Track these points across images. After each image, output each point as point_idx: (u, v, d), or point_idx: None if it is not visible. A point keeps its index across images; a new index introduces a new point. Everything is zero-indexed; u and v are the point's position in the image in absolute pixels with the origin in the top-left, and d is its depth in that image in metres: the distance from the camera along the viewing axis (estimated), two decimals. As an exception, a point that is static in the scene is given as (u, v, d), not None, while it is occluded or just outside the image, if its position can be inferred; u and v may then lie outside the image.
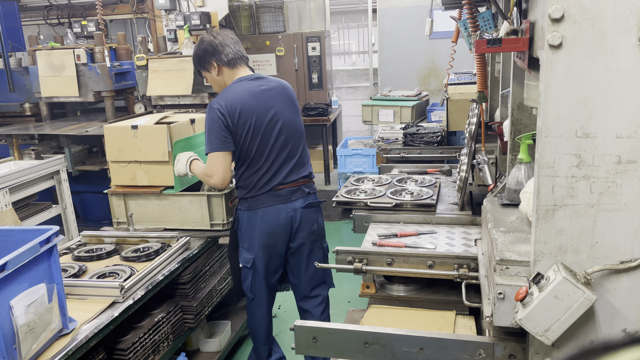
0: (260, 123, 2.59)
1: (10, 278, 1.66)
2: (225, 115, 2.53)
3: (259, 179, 2.62)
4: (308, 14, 7.00)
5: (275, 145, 2.63)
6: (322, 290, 2.92)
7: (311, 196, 2.77)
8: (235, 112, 2.54)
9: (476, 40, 1.46)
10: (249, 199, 2.67)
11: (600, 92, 1.13)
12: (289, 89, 2.77)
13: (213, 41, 2.64)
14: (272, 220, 2.65)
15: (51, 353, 1.87)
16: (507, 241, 1.50)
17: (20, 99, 5.94)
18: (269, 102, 2.63)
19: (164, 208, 3.05)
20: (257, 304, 2.83)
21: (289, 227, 2.68)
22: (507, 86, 2.52)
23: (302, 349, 1.74)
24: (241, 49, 2.71)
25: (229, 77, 2.68)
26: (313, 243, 2.79)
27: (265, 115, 2.60)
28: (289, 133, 2.68)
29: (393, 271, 2.12)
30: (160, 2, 5.65)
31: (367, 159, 6.20)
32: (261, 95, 2.62)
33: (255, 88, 2.63)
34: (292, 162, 2.68)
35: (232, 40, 2.68)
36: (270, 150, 2.62)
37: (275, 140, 2.62)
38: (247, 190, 2.67)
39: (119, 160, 3.06)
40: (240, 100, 2.56)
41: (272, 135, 2.62)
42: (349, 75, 8.22)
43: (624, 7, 1.08)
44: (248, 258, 2.74)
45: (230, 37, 2.69)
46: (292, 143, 2.68)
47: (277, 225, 2.66)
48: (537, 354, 1.33)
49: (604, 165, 1.17)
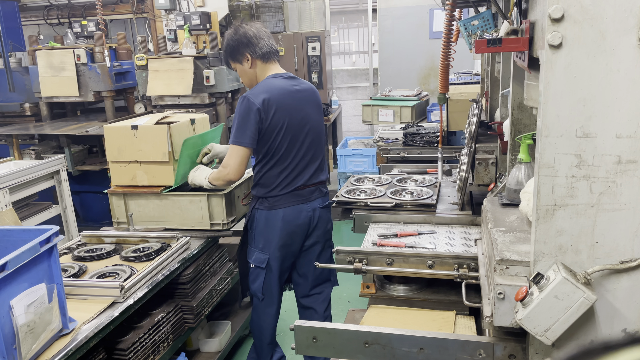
0: (293, 123, 2.60)
1: (10, 278, 1.66)
2: (261, 111, 2.51)
3: (284, 179, 2.63)
4: (308, 13, 7.00)
5: (302, 147, 2.65)
6: (326, 288, 2.94)
7: (326, 196, 2.83)
8: (272, 109, 2.53)
9: (476, 40, 1.46)
10: (269, 199, 2.66)
11: (600, 92, 1.13)
12: (317, 93, 2.81)
13: (248, 32, 2.60)
14: (293, 220, 2.67)
15: (51, 353, 1.87)
16: (507, 241, 1.50)
17: (20, 99, 5.94)
18: (302, 104, 2.66)
19: (164, 208, 3.05)
20: (267, 304, 2.81)
21: (307, 226, 2.72)
22: (507, 86, 2.52)
23: (302, 349, 1.74)
24: (274, 44, 2.69)
25: (261, 71, 2.67)
26: (325, 242, 2.84)
27: (298, 116, 2.63)
28: (315, 137, 2.71)
29: (393, 271, 2.12)
30: (160, 2, 5.65)
31: (367, 159, 6.20)
32: (296, 95, 2.64)
33: (291, 87, 2.64)
34: (315, 165, 2.73)
35: (266, 33, 2.66)
36: (298, 151, 2.64)
37: (302, 141, 2.65)
38: (269, 190, 2.65)
39: (119, 160, 3.06)
40: (278, 97, 2.56)
41: (300, 136, 2.64)
42: (349, 75, 8.22)
43: (624, 7, 1.08)
44: (262, 258, 2.72)
45: (264, 30, 2.67)
46: (316, 147, 2.73)
47: (297, 225, 2.69)
48: (537, 354, 1.33)
49: (604, 165, 1.17)
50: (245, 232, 2.85)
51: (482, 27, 2.34)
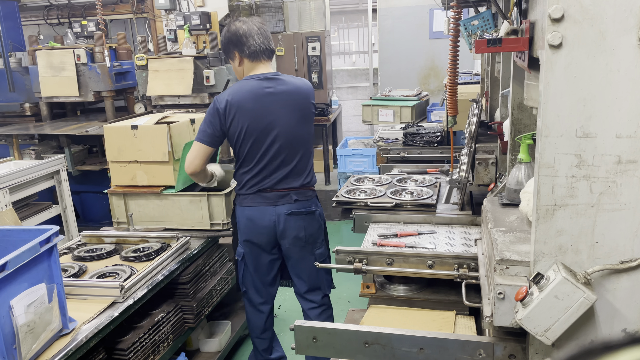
0: (255, 127, 2.56)
1: (10, 278, 1.66)
2: (221, 114, 2.55)
3: (249, 179, 2.65)
4: (308, 14, 7.00)
5: (268, 152, 2.59)
6: (315, 296, 2.86)
7: (299, 204, 2.68)
8: (232, 112, 2.54)
9: (476, 40, 1.46)
10: (240, 196, 2.73)
11: (600, 92, 1.13)
12: (301, 94, 2.65)
13: (238, 30, 2.58)
14: (257, 220, 2.67)
15: (51, 353, 1.87)
16: (507, 241, 1.50)
17: (20, 99, 5.94)
18: (269, 108, 2.57)
19: (164, 208, 3.05)
20: (249, 297, 2.87)
21: (272, 230, 2.68)
22: (507, 86, 2.52)
23: (302, 349, 1.74)
24: (266, 41, 2.61)
25: (247, 70, 2.66)
26: (301, 249, 2.74)
27: (263, 121, 2.57)
28: (284, 142, 2.60)
29: (393, 271, 2.12)
30: (160, 2, 5.65)
31: (367, 159, 6.20)
32: (263, 98, 2.57)
33: (260, 90, 2.58)
34: (285, 170, 2.63)
35: (258, 31, 2.59)
36: (263, 155, 2.60)
37: (268, 146, 2.59)
38: (239, 188, 2.72)
39: (119, 160, 3.06)
40: (239, 101, 2.55)
41: (265, 140, 2.58)
42: (349, 75, 8.22)
43: (624, 7, 1.08)
44: (240, 251, 2.81)
45: (256, 27, 2.60)
46: (287, 152, 2.62)
47: (260, 226, 2.68)
48: (537, 354, 1.33)
49: (604, 165, 1.17)
50: (234, 226, 2.91)
51: (482, 27, 2.34)
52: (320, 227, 2.79)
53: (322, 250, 2.82)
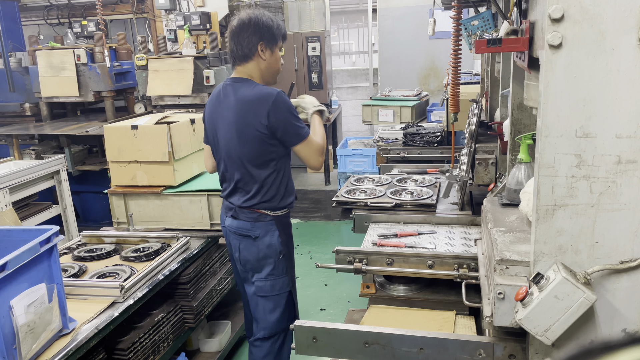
0: (209, 133, 2.49)
1: (10, 278, 1.66)
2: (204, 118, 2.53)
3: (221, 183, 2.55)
4: (308, 14, 7.00)
5: (219, 161, 2.47)
6: (255, 332, 2.57)
7: (238, 222, 2.41)
8: (204, 116, 2.51)
9: (476, 40, 1.46)
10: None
11: (600, 92, 1.13)
12: (246, 110, 2.28)
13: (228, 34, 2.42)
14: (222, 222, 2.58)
15: (51, 353, 1.87)
16: (507, 241, 1.50)
17: (20, 99, 5.94)
18: (215, 117, 2.41)
19: (164, 208, 3.05)
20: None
21: (226, 236, 2.56)
22: (507, 86, 2.52)
23: (302, 349, 1.74)
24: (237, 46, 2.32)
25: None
26: (241, 271, 2.53)
27: (212, 128, 2.45)
28: (225, 155, 2.40)
29: (393, 271, 2.12)
30: (160, 2, 5.65)
31: (367, 159, 6.21)
32: (216, 105, 2.42)
33: (218, 96, 2.41)
34: (230, 184, 2.42)
35: (231, 35, 2.36)
36: (217, 163, 2.50)
37: (219, 156, 2.46)
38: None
39: (119, 160, 3.06)
40: (207, 105, 2.49)
41: (216, 149, 2.47)
42: (349, 75, 8.22)
43: (624, 7, 1.08)
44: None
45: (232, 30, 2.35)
46: (227, 166, 2.40)
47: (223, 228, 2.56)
48: (537, 354, 1.33)
49: (604, 165, 1.17)
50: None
51: (482, 27, 2.34)
52: (260, 257, 2.41)
53: (263, 285, 2.44)
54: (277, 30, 2.36)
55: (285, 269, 2.46)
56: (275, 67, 2.40)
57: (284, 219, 2.44)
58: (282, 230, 2.42)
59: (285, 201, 2.42)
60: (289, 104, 2.31)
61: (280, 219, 2.42)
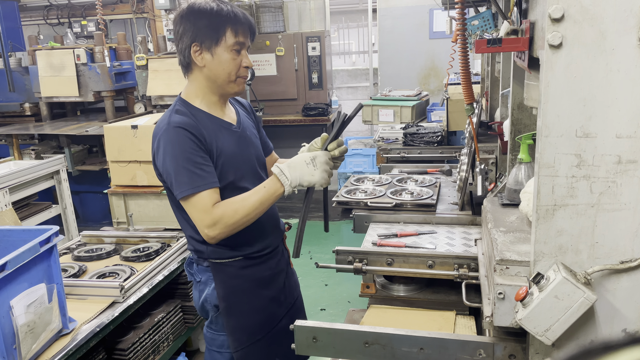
0: None
1: (10, 278, 1.66)
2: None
3: None
4: (308, 13, 7.00)
5: None
6: None
7: (190, 266, 1.99)
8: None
9: (476, 40, 1.46)
10: None
11: (600, 92, 1.13)
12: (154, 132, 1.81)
13: None
14: None
15: (51, 353, 1.87)
16: (507, 241, 1.49)
17: (20, 99, 5.94)
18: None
19: (164, 208, 3.05)
20: None
21: None
22: (507, 86, 2.52)
23: (302, 349, 1.74)
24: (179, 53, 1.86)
25: None
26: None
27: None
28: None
29: (393, 271, 2.12)
30: (160, 2, 5.65)
31: (367, 159, 6.21)
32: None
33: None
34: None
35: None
36: None
37: None
38: None
39: (119, 160, 3.07)
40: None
41: None
42: (349, 75, 8.22)
43: (624, 7, 1.08)
44: None
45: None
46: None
47: None
48: (537, 354, 1.33)
49: (604, 165, 1.17)
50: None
51: (482, 27, 2.33)
52: (198, 306, 1.97)
53: (207, 334, 2.00)
54: (217, 19, 1.73)
55: (225, 327, 1.92)
56: (223, 73, 1.78)
57: (227, 267, 1.88)
58: (221, 283, 1.88)
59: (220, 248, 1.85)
60: (175, 143, 1.69)
61: (220, 268, 1.88)
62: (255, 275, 1.93)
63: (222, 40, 1.75)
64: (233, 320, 1.91)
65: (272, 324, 1.98)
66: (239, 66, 1.79)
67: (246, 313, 1.92)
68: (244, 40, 1.79)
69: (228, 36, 1.75)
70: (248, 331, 1.93)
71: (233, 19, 1.74)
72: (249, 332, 1.93)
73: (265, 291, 1.96)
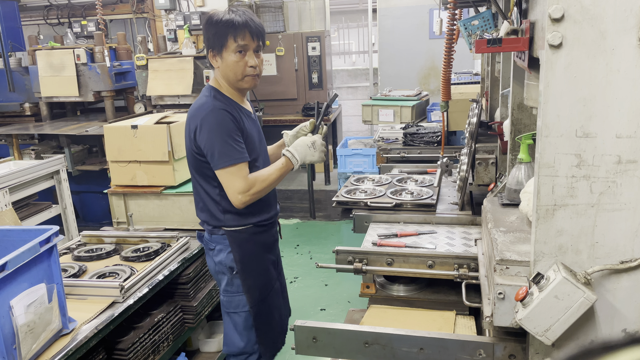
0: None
1: (10, 278, 1.66)
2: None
3: None
4: (308, 13, 7.00)
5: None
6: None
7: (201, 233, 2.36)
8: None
9: (476, 40, 1.46)
10: None
11: (600, 92, 1.13)
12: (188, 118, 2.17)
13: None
14: None
15: (51, 353, 1.87)
16: (507, 241, 1.49)
17: (20, 99, 5.94)
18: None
19: (164, 208, 3.05)
20: None
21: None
22: (507, 86, 2.52)
23: (302, 349, 1.74)
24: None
25: None
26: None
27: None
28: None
29: (393, 271, 2.12)
30: (160, 2, 5.65)
31: (367, 159, 6.20)
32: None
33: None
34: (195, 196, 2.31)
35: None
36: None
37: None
38: None
39: (119, 160, 3.06)
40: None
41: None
42: (349, 75, 8.22)
43: (624, 7, 1.08)
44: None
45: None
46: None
47: None
48: (537, 354, 1.33)
49: (604, 165, 1.17)
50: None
51: (482, 27, 2.33)
52: (215, 271, 2.32)
53: (224, 298, 2.31)
54: (221, 28, 2.04)
55: (242, 287, 2.25)
56: (231, 73, 2.11)
57: (241, 234, 2.21)
58: (237, 248, 2.22)
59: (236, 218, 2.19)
60: (220, 122, 2.05)
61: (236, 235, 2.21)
62: (263, 241, 2.29)
63: (226, 46, 2.07)
64: (250, 280, 2.25)
65: (273, 283, 2.35)
66: (244, 66, 2.10)
67: (257, 273, 2.27)
68: (245, 43, 2.07)
69: (230, 42, 2.06)
70: (259, 289, 2.28)
71: (232, 26, 2.04)
72: (259, 289, 2.28)
73: (269, 255, 2.33)
